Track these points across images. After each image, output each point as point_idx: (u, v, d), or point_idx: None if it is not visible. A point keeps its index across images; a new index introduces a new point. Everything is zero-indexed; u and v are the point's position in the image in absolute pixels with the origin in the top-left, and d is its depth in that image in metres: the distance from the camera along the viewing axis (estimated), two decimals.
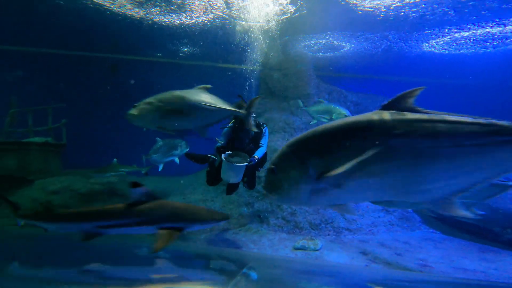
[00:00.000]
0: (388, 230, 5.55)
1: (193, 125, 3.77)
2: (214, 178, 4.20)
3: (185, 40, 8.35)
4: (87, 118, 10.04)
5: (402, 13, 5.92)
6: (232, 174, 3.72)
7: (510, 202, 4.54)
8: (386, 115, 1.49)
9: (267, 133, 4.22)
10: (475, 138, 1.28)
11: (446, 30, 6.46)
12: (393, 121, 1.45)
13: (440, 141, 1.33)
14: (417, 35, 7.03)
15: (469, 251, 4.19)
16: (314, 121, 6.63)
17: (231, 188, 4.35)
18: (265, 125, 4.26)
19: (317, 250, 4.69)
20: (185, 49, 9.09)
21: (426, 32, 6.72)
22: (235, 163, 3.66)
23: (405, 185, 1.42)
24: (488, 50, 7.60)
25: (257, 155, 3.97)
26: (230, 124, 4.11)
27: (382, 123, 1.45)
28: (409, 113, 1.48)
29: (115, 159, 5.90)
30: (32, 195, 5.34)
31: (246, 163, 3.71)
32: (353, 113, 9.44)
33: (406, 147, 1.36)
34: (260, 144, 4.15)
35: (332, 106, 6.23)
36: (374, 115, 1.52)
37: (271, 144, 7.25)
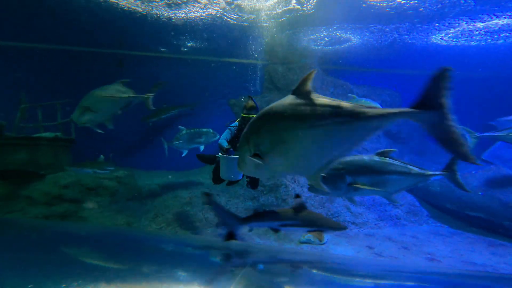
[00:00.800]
0: (395, 224, 5.51)
1: (102, 117, 4.25)
2: (219, 176, 4.20)
3: (187, 35, 8.30)
4: None
5: (410, 5, 5.73)
6: (230, 169, 3.62)
7: None
8: (289, 99, 1.70)
9: None
10: (323, 119, 1.43)
11: (456, 21, 6.20)
12: (289, 105, 1.65)
13: (304, 122, 1.49)
14: (426, 26, 6.81)
15: (478, 246, 4.13)
16: None
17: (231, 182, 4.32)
18: None
19: (323, 244, 4.70)
20: (189, 44, 9.06)
21: (436, 24, 6.49)
22: (231, 156, 3.62)
23: (297, 161, 1.65)
24: (499, 42, 7.30)
25: None
26: (235, 123, 4.07)
27: (280, 106, 1.69)
28: (299, 96, 1.63)
29: (101, 156, 5.97)
30: (44, 189, 5.48)
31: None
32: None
33: (291, 129, 1.56)
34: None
35: (363, 100, 5.80)
36: (285, 100, 1.75)
37: None
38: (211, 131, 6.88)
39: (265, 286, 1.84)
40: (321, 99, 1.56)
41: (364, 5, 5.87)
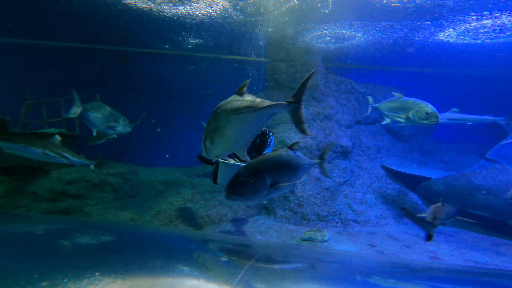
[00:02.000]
0: (397, 223, 5.50)
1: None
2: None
3: (189, 32, 8.28)
4: None
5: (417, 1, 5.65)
6: (228, 176, 3.60)
7: None
8: (231, 97, 2.27)
9: (272, 142, 3.90)
10: (242, 109, 2.09)
11: (463, 18, 6.08)
12: (228, 101, 2.26)
13: (233, 111, 2.15)
14: (429, 23, 6.70)
15: (481, 244, 4.11)
16: (388, 121, 5.28)
17: None
18: (271, 134, 3.92)
19: (325, 241, 4.70)
20: (193, 41, 9.04)
21: (441, 21, 6.38)
22: (231, 163, 3.48)
23: (230, 141, 2.26)
24: (501, 40, 7.16)
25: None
26: None
27: (223, 102, 2.29)
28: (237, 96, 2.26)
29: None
30: (49, 185, 5.56)
31: (241, 165, 3.47)
32: (362, 103, 9.28)
33: (225, 116, 2.21)
34: (263, 154, 3.81)
35: (412, 101, 4.69)
36: (228, 98, 2.29)
37: (279, 135, 7.23)
38: None
39: (270, 280, 1.85)
40: (247, 98, 2.16)
41: (372, 2, 5.79)
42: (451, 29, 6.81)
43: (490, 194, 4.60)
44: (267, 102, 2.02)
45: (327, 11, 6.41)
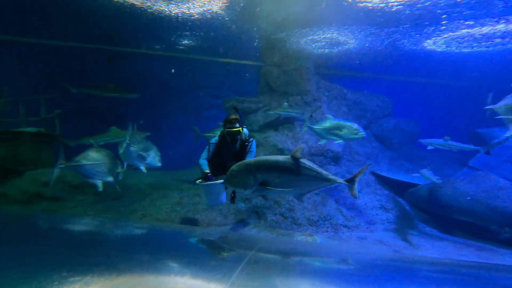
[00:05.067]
0: (386, 228, 5.55)
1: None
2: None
3: (180, 33, 8.15)
4: (84, 110, 9.79)
5: (402, 7, 5.85)
6: (211, 195, 3.44)
7: (508, 201, 4.57)
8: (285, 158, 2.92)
9: (254, 147, 3.78)
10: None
11: (451, 26, 6.33)
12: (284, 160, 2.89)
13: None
14: (414, 31, 6.94)
15: (466, 250, 4.21)
16: (323, 141, 5.94)
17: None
18: (252, 139, 3.83)
19: None
20: (184, 42, 8.90)
21: (429, 28, 6.64)
22: (209, 182, 3.37)
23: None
24: (490, 49, 7.55)
25: None
26: (213, 140, 3.74)
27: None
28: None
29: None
30: (22, 186, 5.15)
31: (219, 181, 3.39)
32: (352, 109, 9.46)
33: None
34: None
35: (341, 122, 5.57)
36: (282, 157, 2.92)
37: (270, 140, 7.18)
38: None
39: (271, 273, 1.75)
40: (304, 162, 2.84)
41: (360, 5, 5.92)
42: (439, 37, 7.08)
43: (474, 200, 4.75)
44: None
45: (318, 16, 6.51)
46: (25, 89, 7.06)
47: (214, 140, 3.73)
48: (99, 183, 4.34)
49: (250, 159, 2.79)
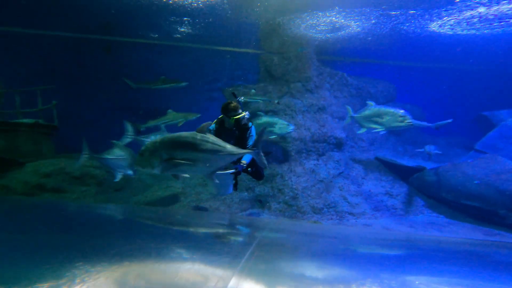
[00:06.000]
0: (391, 215, 5.49)
1: None
2: None
3: (177, 19, 7.86)
4: (81, 101, 9.64)
5: None
6: (221, 185, 3.34)
7: None
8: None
9: (253, 132, 3.66)
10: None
11: (459, 7, 6.01)
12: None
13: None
14: (421, 12, 6.61)
15: (474, 235, 4.14)
16: (363, 130, 5.55)
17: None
18: (251, 123, 3.72)
19: None
20: (182, 30, 8.61)
21: (436, 10, 6.32)
22: (220, 172, 3.20)
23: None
24: (499, 31, 7.21)
25: (244, 159, 3.50)
26: (212, 126, 3.54)
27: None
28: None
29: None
30: (23, 178, 5.09)
31: (232, 171, 3.32)
32: (354, 96, 9.26)
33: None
34: (247, 146, 3.57)
35: (383, 108, 5.21)
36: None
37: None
38: None
39: (281, 256, 1.68)
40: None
41: None
42: (446, 18, 6.72)
43: (482, 184, 4.65)
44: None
45: None
46: (20, 81, 6.90)
47: (209, 127, 3.40)
48: (119, 175, 4.89)
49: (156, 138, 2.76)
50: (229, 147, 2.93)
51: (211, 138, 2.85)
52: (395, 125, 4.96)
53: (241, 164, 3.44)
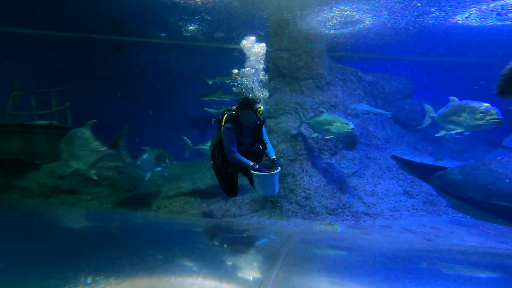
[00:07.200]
0: (411, 215, 5.17)
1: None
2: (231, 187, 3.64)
3: (186, 17, 7.82)
4: (94, 101, 9.86)
5: None
6: (268, 186, 3.19)
7: None
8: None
9: (264, 128, 3.52)
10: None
11: None
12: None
13: None
14: (445, 3, 6.20)
15: (509, 237, 3.78)
16: (443, 132, 4.94)
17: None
18: (263, 118, 3.54)
19: None
20: (190, 28, 8.59)
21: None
22: (270, 173, 3.12)
23: None
24: None
25: (273, 155, 3.41)
26: (229, 125, 3.18)
27: None
28: None
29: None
30: (40, 179, 5.21)
31: (278, 171, 3.16)
32: (368, 92, 8.89)
33: None
34: (265, 142, 3.47)
35: (464, 103, 4.24)
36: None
37: (283, 126, 6.86)
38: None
39: (312, 274, 1.48)
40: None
41: None
42: (472, 9, 6.20)
43: None
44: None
45: None
46: (35, 81, 7.09)
47: (228, 126, 3.22)
48: (148, 174, 5.63)
49: None
50: (94, 143, 3.19)
51: (86, 133, 2.99)
52: (473, 124, 3.99)
53: (277, 161, 3.32)
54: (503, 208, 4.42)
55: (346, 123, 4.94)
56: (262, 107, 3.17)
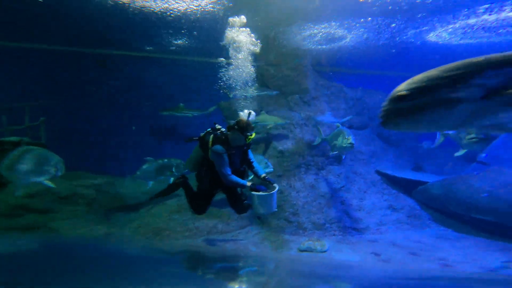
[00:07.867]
0: (397, 229, 5.24)
1: None
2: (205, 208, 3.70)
3: (171, 31, 7.85)
4: (73, 117, 9.44)
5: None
6: (266, 204, 3.23)
7: None
8: None
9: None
10: None
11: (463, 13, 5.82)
12: None
13: None
14: (418, 22, 6.64)
15: (491, 250, 3.90)
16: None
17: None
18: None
19: (324, 251, 4.34)
20: (175, 42, 8.61)
21: (433, 18, 6.32)
22: (269, 193, 3.17)
23: None
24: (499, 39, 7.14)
25: (263, 173, 3.48)
26: (219, 147, 3.17)
27: None
28: None
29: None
30: (5, 198, 4.77)
31: (276, 189, 3.24)
32: (352, 107, 9.20)
33: None
34: (251, 161, 3.54)
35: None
36: None
37: (270, 141, 6.87)
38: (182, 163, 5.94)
39: None
40: None
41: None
42: (444, 28, 6.69)
43: (492, 197, 4.46)
44: None
45: (317, 9, 6.24)
46: (13, 96, 6.71)
47: (220, 149, 3.18)
48: (151, 183, 5.76)
49: None
50: None
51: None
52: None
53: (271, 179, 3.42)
54: (482, 221, 4.59)
55: (346, 137, 4.90)
56: (254, 135, 3.24)
